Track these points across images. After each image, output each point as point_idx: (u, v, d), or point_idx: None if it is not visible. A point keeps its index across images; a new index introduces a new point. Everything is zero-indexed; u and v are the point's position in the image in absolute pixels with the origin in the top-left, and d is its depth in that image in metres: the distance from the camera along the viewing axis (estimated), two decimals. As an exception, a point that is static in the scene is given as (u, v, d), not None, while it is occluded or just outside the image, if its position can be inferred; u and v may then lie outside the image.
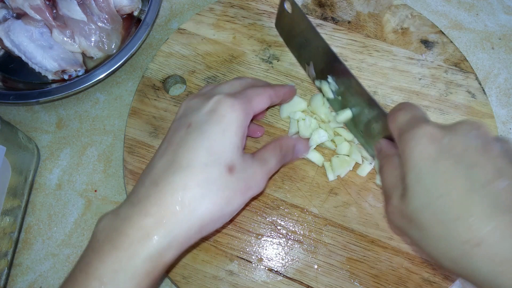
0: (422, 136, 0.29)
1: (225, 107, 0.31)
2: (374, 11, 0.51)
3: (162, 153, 0.31)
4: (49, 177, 0.48)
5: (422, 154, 0.29)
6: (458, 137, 0.29)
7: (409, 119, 0.32)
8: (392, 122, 0.33)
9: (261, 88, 0.36)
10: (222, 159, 0.30)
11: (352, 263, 0.41)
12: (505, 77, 0.52)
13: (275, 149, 0.36)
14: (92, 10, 0.50)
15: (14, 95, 0.46)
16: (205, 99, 0.32)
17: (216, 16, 0.50)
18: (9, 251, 0.43)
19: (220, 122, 0.30)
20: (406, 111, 0.33)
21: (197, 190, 0.29)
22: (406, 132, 0.31)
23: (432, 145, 0.29)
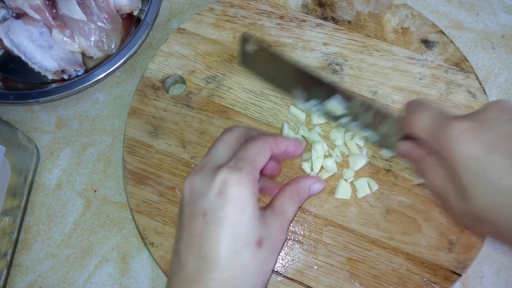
0: (462, 136, 0.29)
1: (234, 188, 0.30)
2: (374, 11, 0.50)
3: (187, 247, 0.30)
4: (49, 177, 0.48)
5: (470, 155, 0.29)
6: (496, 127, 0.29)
7: (433, 119, 0.31)
8: (414, 127, 0.33)
9: (260, 141, 0.33)
10: (249, 240, 0.29)
11: (352, 263, 0.40)
12: (505, 77, 0.52)
13: (292, 196, 0.34)
14: (91, 9, 0.50)
15: (13, 95, 0.46)
16: (209, 178, 0.31)
17: (216, 16, 0.50)
18: (8, 251, 0.43)
19: (234, 205, 0.29)
20: (423, 112, 0.32)
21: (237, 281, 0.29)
22: (441, 135, 0.30)
23: (476, 143, 0.29)
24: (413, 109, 0.33)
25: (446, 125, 0.30)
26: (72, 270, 0.44)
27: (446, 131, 0.30)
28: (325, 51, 0.48)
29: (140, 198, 0.43)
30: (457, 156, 0.29)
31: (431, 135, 0.31)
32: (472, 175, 0.29)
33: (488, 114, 0.30)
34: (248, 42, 0.42)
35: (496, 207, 0.28)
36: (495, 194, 0.28)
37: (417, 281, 0.40)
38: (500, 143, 0.28)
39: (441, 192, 0.33)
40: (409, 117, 0.33)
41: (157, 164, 0.44)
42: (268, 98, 0.47)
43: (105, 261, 0.44)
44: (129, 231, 0.45)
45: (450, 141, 0.30)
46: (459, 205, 0.31)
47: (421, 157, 0.34)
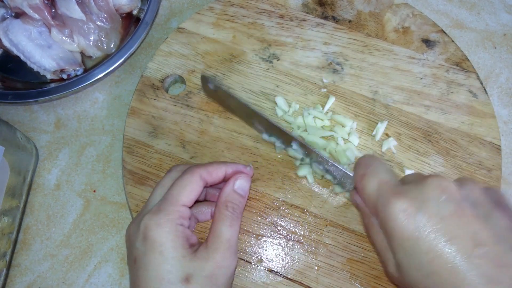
0: (398, 216, 0.30)
1: (152, 231, 0.31)
2: (375, 10, 0.50)
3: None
4: (48, 177, 0.47)
5: (404, 235, 0.30)
6: (430, 210, 0.30)
7: (378, 189, 0.33)
8: (361, 193, 0.34)
9: (187, 175, 0.34)
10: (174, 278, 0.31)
11: (352, 264, 0.40)
12: (506, 77, 0.51)
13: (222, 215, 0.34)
14: (91, 9, 0.49)
15: (12, 94, 0.46)
16: (137, 225, 0.33)
17: (215, 15, 0.50)
18: (7, 252, 0.43)
19: (154, 249, 0.31)
20: (371, 178, 0.33)
21: None
22: (380, 210, 0.32)
23: (410, 225, 0.30)
24: (363, 172, 0.34)
25: (385, 200, 0.31)
26: (71, 270, 0.44)
27: (385, 207, 0.31)
28: (325, 51, 0.48)
29: (140, 198, 0.43)
30: (392, 233, 0.31)
31: (374, 206, 0.33)
32: (404, 254, 0.31)
33: (426, 192, 0.31)
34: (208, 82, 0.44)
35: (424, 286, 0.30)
36: (424, 275, 0.30)
37: None
38: (433, 226, 0.29)
39: (380, 253, 0.34)
40: (358, 180, 0.35)
41: (157, 164, 0.44)
42: (268, 98, 0.47)
43: (105, 261, 0.44)
44: (128, 231, 0.45)
45: (387, 218, 0.31)
46: (394, 272, 0.33)
47: (368, 215, 0.35)
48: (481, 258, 0.28)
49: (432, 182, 0.31)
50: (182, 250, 0.32)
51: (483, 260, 0.28)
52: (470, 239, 0.29)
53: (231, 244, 0.33)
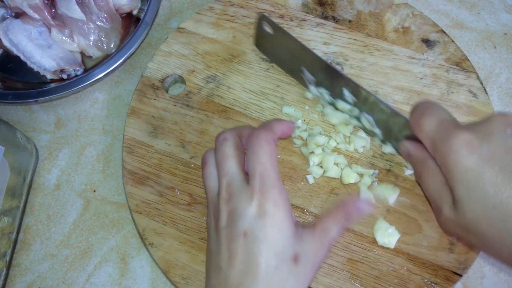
0: (460, 147, 0.29)
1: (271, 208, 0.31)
2: (375, 10, 0.50)
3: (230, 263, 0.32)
4: (48, 177, 0.47)
5: (466, 167, 0.29)
6: (495, 141, 0.29)
7: (438, 126, 0.32)
8: (419, 131, 0.33)
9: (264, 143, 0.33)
10: (286, 256, 0.31)
11: (352, 264, 0.40)
12: (506, 77, 0.51)
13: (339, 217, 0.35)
14: (91, 9, 0.49)
15: (12, 94, 0.46)
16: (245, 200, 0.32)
17: (215, 15, 0.50)
18: (7, 252, 0.43)
19: (273, 225, 0.31)
20: (431, 116, 0.33)
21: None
22: (441, 144, 0.31)
23: (473, 156, 0.29)
24: (421, 111, 0.33)
25: (448, 135, 0.30)
26: (71, 270, 0.44)
27: (446, 141, 0.30)
28: (325, 51, 0.48)
29: (140, 198, 0.43)
30: (453, 166, 0.30)
31: (433, 142, 0.32)
32: (466, 188, 0.29)
33: (490, 126, 0.30)
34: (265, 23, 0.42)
35: (486, 221, 0.29)
36: (486, 209, 0.29)
37: (418, 282, 0.39)
38: (497, 158, 0.29)
39: (435, 198, 0.33)
40: (415, 119, 0.34)
41: (157, 164, 0.44)
42: (268, 97, 0.47)
43: (105, 261, 0.44)
44: (128, 231, 0.45)
45: (449, 151, 0.30)
46: (450, 214, 0.32)
47: (422, 160, 0.34)
48: None
49: (496, 118, 0.30)
50: (294, 229, 0.32)
51: None
52: None
53: (330, 243, 0.34)
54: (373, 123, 0.40)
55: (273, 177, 0.33)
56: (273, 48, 0.45)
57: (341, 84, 0.40)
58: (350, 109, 0.41)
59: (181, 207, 0.42)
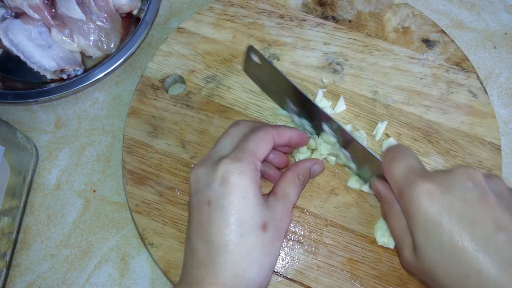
0: (422, 196, 0.31)
1: (235, 176, 0.32)
2: (375, 10, 0.50)
3: (196, 234, 0.32)
4: (48, 177, 0.47)
5: (426, 215, 0.30)
6: (455, 193, 0.30)
7: (404, 173, 0.33)
8: (388, 175, 0.35)
9: (261, 132, 0.35)
10: (254, 224, 0.31)
11: (352, 264, 0.40)
12: (506, 77, 0.51)
13: (294, 180, 0.36)
14: (91, 9, 0.49)
15: (12, 94, 0.46)
16: (212, 168, 0.33)
17: (215, 15, 0.50)
18: (7, 252, 0.43)
19: (237, 193, 0.31)
20: (400, 162, 0.34)
21: (244, 262, 0.31)
22: (405, 191, 0.32)
23: (434, 205, 0.30)
24: (392, 156, 0.35)
25: (412, 183, 0.32)
26: (71, 270, 0.44)
27: (410, 188, 0.31)
28: (325, 51, 0.48)
29: (140, 198, 0.43)
30: (415, 214, 0.31)
31: (399, 187, 0.33)
32: (425, 235, 0.31)
33: (453, 178, 0.31)
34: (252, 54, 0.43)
35: (442, 269, 0.30)
36: (442, 257, 0.30)
37: (418, 282, 0.39)
38: (456, 210, 0.30)
39: (397, 240, 0.35)
40: (386, 163, 0.35)
41: (157, 164, 0.44)
42: (268, 98, 0.47)
43: (105, 261, 0.44)
44: (128, 231, 0.45)
45: (411, 198, 0.31)
46: (410, 257, 0.33)
47: (389, 202, 0.36)
48: (503, 242, 0.28)
49: (460, 170, 0.31)
50: (260, 198, 0.32)
51: (505, 245, 0.28)
52: (493, 224, 0.29)
53: (292, 205, 0.35)
54: (350, 158, 0.41)
55: (250, 152, 0.33)
56: (260, 77, 0.45)
57: (320, 119, 0.40)
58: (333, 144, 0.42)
59: (181, 207, 0.42)
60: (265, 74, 0.44)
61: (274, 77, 0.42)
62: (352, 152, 0.40)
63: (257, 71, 0.45)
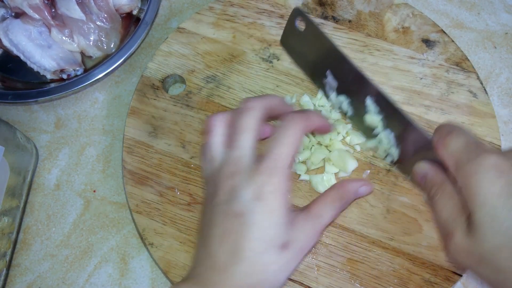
0: (489, 169, 0.28)
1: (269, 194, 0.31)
2: (375, 10, 0.50)
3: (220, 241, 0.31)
4: (48, 177, 0.47)
5: (493, 190, 0.27)
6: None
7: (465, 147, 0.30)
8: (443, 149, 0.32)
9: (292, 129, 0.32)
10: (275, 242, 0.31)
11: (352, 264, 0.40)
12: (506, 77, 0.51)
13: (334, 201, 0.34)
14: (91, 9, 0.49)
15: (12, 94, 0.46)
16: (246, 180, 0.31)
17: (215, 15, 0.50)
18: (7, 252, 0.43)
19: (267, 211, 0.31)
20: (458, 137, 0.31)
21: (259, 275, 0.31)
22: (467, 164, 0.29)
23: (502, 179, 0.27)
24: (448, 130, 0.32)
25: (476, 155, 0.29)
26: (71, 270, 0.44)
27: (473, 161, 0.28)
28: (325, 51, 0.48)
29: (140, 198, 0.43)
30: (477, 188, 0.28)
31: (458, 161, 0.30)
32: (487, 213, 0.27)
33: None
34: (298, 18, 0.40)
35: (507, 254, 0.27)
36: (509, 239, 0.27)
37: (418, 282, 0.39)
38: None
39: (447, 223, 0.31)
40: (441, 137, 0.32)
41: (157, 164, 0.44)
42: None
43: (105, 261, 0.44)
44: (128, 231, 0.45)
45: (475, 171, 0.28)
46: (463, 242, 0.29)
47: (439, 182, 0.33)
48: None
49: None
50: (288, 216, 0.32)
51: None
52: None
53: (322, 229, 0.34)
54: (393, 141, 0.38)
55: (284, 163, 0.31)
56: (300, 47, 0.43)
57: (366, 93, 0.38)
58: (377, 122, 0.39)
59: (181, 207, 0.42)
60: (307, 42, 0.41)
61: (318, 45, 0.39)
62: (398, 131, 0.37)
63: (298, 41, 0.42)
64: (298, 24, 0.41)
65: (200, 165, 0.35)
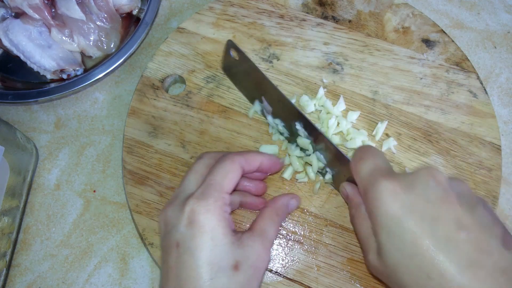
0: (385, 195, 0.30)
1: (202, 216, 0.31)
2: (375, 10, 0.50)
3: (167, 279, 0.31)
4: (48, 177, 0.47)
5: (388, 213, 0.30)
6: (417, 192, 0.30)
7: (371, 172, 0.33)
8: (355, 174, 0.34)
9: (227, 162, 0.34)
10: (224, 265, 0.30)
11: (352, 264, 0.40)
12: (506, 77, 0.51)
13: (271, 216, 0.36)
14: (91, 9, 0.49)
15: (12, 94, 0.46)
16: (179, 209, 0.32)
17: (215, 15, 0.50)
18: (7, 252, 0.43)
19: (204, 234, 0.31)
20: (366, 161, 0.34)
21: None
22: (369, 190, 0.32)
23: (396, 203, 0.30)
24: (360, 156, 0.35)
25: (376, 181, 0.31)
26: (71, 270, 0.44)
27: (373, 186, 0.31)
28: (325, 51, 0.48)
29: (140, 198, 0.43)
30: (377, 212, 0.31)
31: (363, 186, 0.33)
32: (387, 234, 0.30)
33: (416, 178, 0.31)
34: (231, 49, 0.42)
35: (404, 269, 0.30)
36: (404, 257, 0.29)
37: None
38: (417, 208, 0.29)
39: (363, 243, 0.34)
40: (354, 163, 0.35)
41: (157, 164, 0.44)
42: (268, 97, 0.47)
43: (105, 261, 0.44)
44: (128, 231, 0.45)
45: (373, 197, 0.31)
46: (374, 260, 0.32)
47: (356, 204, 0.36)
48: (464, 241, 0.28)
49: (423, 170, 0.31)
50: (231, 236, 0.31)
51: (466, 244, 0.28)
52: (454, 223, 0.29)
53: (271, 243, 0.34)
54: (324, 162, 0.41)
55: (216, 187, 0.32)
56: (238, 74, 0.45)
57: (293, 118, 0.40)
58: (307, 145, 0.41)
59: (181, 207, 0.42)
60: (243, 70, 0.43)
61: (251, 73, 0.42)
62: (324, 152, 0.40)
63: (235, 68, 0.44)
64: (233, 54, 0.43)
65: None
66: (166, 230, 0.32)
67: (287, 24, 0.49)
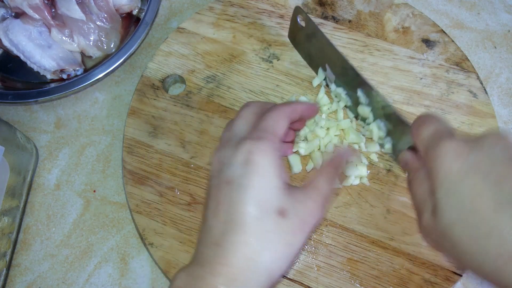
0: (448, 153, 0.30)
1: (257, 156, 0.31)
2: (375, 10, 0.50)
3: (214, 213, 0.31)
4: (48, 177, 0.47)
5: (450, 171, 0.30)
6: (484, 152, 0.29)
7: (433, 134, 0.32)
8: (417, 137, 0.34)
9: (277, 111, 0.34)
10: (271, 207, 0.30)
11: (352, 264, 0.40)
12: (506, 77, 0.51)
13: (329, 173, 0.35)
14: (91, 9, 0.49)
15: (12, 94, 0.46)
16: (234, 149, 0.32)
17: (215, 15, 0.50)
18: (7, 252, 0.43)
19: (258, 172, 0.31)
20: (429, 125, 0.33)
21: (257, 244, 0.30)
22: (431, 149, 0.31)
23: (459, 161, 0.29)
24: (422, 120, 0.34)
25: (439, 141, 0.31)
26: (71, 270, 0.44)
27: (436, 145, 0.31)
28: (325, 51, 0.48)
29: (140, 198, 0.43)
30: (437, 169, 0.30)
31: (426, 148, 0.33)
32: (445, 191, 0.30)
33: (481, 140, 0.30)
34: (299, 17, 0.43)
35: (460, 227, 0.29)
36: (461, 214, 0.29)
37: (418, 282, 0.39)
38: (482, 168, 0.29)
39: (420, 204, 0.34)
40: (416, 127, 0.34)
41: (157, 164, 0.44)
42: (267, 98, 0.47)
43: (105, 261, 0.44)
44: (128, 231, 0.45)
45: (435, 155, 0.31)
46: (429, 221, 0.32)
47: (415, 168, 0.35)
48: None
49: (490, 133, 0.31)
50: (282, 182, 0.31)
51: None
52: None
53: (325, 200, 0.33)
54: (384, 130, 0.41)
55: (268, 130, 0.32)
56: (303, 42, 0.46)
57: (356, 85, 0.41)
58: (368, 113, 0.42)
59: (181, 207, 0.42)
60: (308, 38, 0.44)
61: (316, 40, 0.43)
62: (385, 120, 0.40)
63: (301, 36, 0.45)
64: (300, 21, 0.43)
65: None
66: (220, 168, 0.32)
67: (287, 24, 0.49)
